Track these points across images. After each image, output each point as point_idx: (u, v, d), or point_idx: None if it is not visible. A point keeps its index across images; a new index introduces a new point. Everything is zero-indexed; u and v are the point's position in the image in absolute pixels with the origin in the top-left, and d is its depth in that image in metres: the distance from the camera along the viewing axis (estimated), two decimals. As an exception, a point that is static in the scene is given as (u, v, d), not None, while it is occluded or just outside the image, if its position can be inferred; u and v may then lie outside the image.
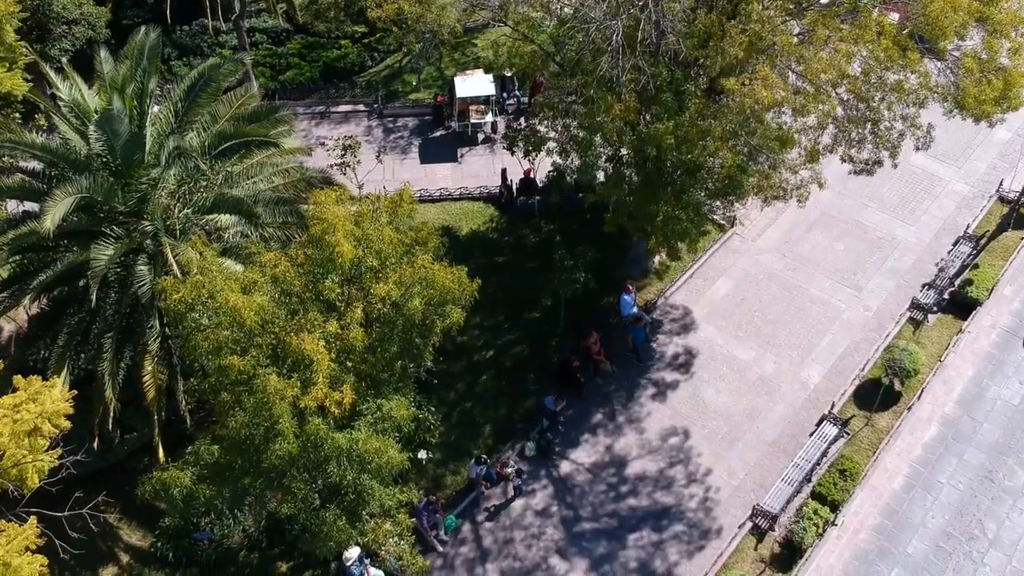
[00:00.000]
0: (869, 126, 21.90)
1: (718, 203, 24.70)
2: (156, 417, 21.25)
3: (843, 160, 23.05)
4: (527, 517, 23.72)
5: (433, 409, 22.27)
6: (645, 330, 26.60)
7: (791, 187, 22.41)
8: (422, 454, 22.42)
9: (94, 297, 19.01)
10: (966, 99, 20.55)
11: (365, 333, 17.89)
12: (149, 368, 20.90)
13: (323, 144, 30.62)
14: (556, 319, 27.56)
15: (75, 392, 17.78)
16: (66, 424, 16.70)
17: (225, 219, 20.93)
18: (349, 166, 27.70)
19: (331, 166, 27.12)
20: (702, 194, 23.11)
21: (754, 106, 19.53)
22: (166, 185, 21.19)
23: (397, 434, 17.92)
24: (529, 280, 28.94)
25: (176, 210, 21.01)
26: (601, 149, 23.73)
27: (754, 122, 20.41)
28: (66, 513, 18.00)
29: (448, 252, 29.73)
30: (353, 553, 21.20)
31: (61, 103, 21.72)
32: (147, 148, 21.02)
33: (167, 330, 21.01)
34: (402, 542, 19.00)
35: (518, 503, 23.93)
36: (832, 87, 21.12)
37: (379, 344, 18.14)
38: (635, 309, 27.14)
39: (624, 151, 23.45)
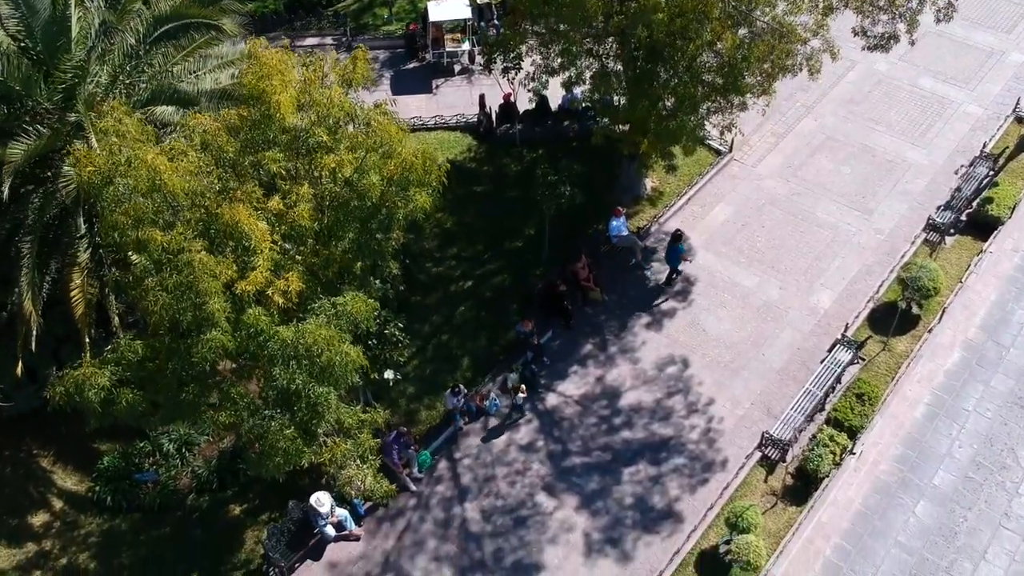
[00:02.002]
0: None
1: (715, 110, 22.34)
2: (86, 339, 18.74)
3: (855, 34, 20.79)
4: (510, 453, 21.27)
5: (402, 326, 19.80)
6: (682, 250, 23.99)
7: (801, 58, 20.00)
8: (389, 374, 19.94)
9: (5, 190, 16.50)
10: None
11: (316, 218, 15.46)
12: (77, 282, 18.43)
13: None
14: (540, 248, 25.17)
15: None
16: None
17: (164, 111, 18.49)
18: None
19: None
20: (699, 91, 20.80)
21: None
22: (96, 76, 18.73)
23: (356, 334, 15.48)
24: (510, 209, 26.58)
25: (107, 103, 18.52)
26: (586, 43, 21.39)
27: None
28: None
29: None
30: (324, 500, 18.78)
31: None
32: (73, 33, 18.57)
33: (98, 239, 18.55)
34: (365, 466, 16.50)
35: (500, 439, 21.48)
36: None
37: (331, 232, 15.73)
38: (626, 232, 24.78)
39: (611, 42, 21.12)
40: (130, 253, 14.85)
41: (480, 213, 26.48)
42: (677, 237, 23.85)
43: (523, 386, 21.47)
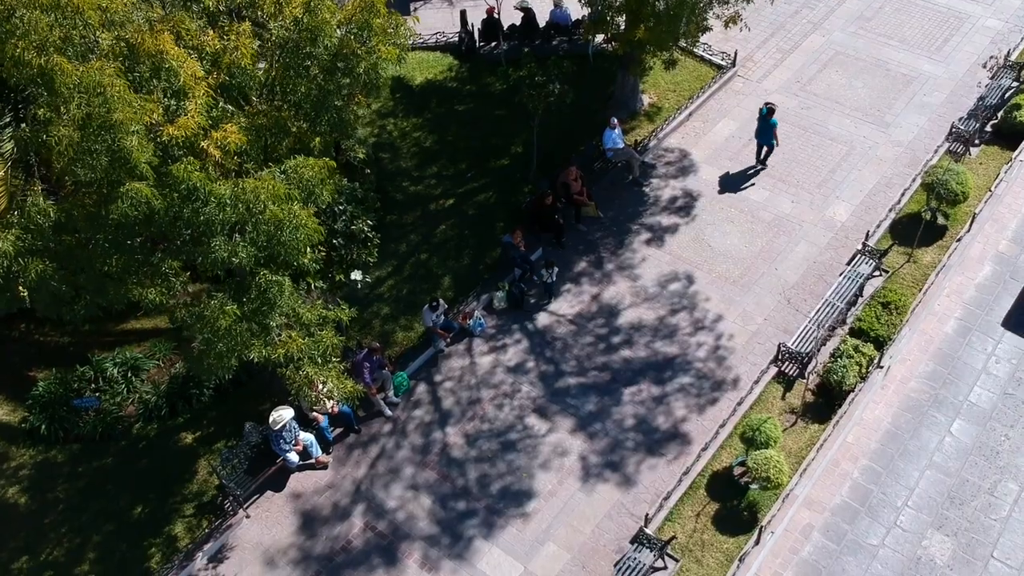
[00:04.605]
0: None
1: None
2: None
3: None
4: (497, 375, 19.01)
5: (372, 223, 17.52)
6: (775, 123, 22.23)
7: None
8: (356, 275, 17.66)
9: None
10: None
11: (258, 63, 13.22)
12: (0, 173, 16.13)
13: None
14: (528, 165, 22.95)
15: None
16: None
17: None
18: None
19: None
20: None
21: None
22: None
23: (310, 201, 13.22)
24: (496, 128, 24.39)
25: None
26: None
27: None
28: None
29: (400, 102, 25.58)
30: (285, 415, 16.54)
31: None
32: None
33: (24, 126, 16.24)
34: (327, 365, 14.22)
35: (485, 360, 19.24)
36: None
37: (280, 83, 13.49)
38: (622, 145, 22.59)
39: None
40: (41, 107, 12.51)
41: (462, 132, 24.28)
42: (772, 110, 21.92)
43: (552, 259, 20.04)
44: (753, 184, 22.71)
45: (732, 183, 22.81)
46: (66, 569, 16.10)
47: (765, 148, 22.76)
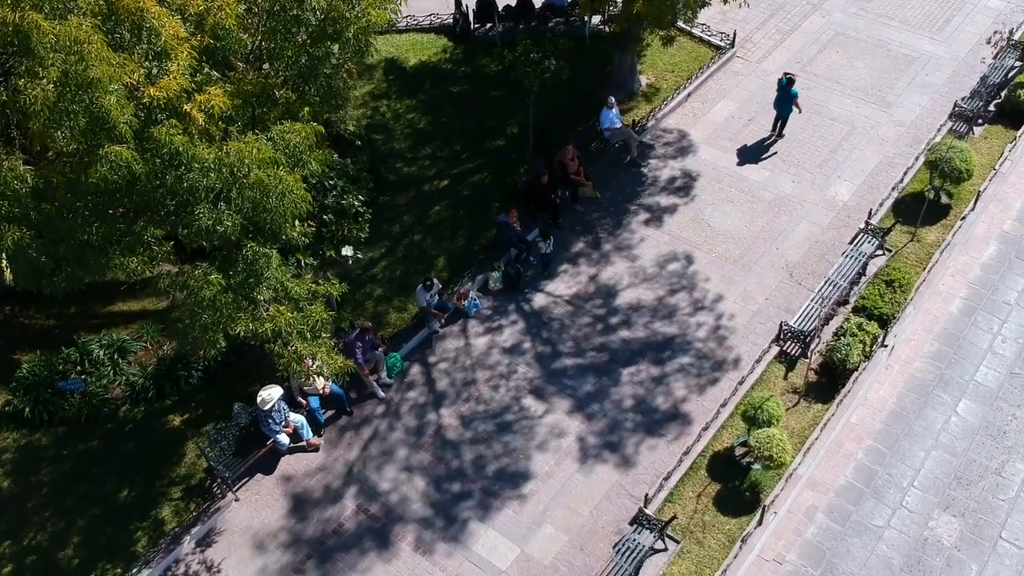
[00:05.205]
0: None
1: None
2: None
3: None
4: (492, 356, 18.59)
5: (363, 198, 17.09)
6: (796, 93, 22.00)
7: None
8: (347, 251, 17.20)
9: None
10: None
11: (246, 28, 12.80)
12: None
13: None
14: (524, 146, 22.53)
15: None
16: None
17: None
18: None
19: None
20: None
21: None
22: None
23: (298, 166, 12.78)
24: (491, 109, 23.98)
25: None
26: None
27: None
28: None
29: (393, 84, 25.15)
30: (274, 394, 16.11)
31: None
32: None
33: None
34: (317, 340, 13.78)
35: (480, 341, 18.82)
36: None
37: (266, 49, 13.06)
38: (619, 125, 22.18)
39: None
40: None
41: (457, 113, 23.86)
42: (791, 80, 21.69)
43: (550, 235, 19.72)
44: (756, 163, 22.29)
45: (731, 163, 22.40)
46: (50, 553, 15.66)
47: (782, 119, 22.56)
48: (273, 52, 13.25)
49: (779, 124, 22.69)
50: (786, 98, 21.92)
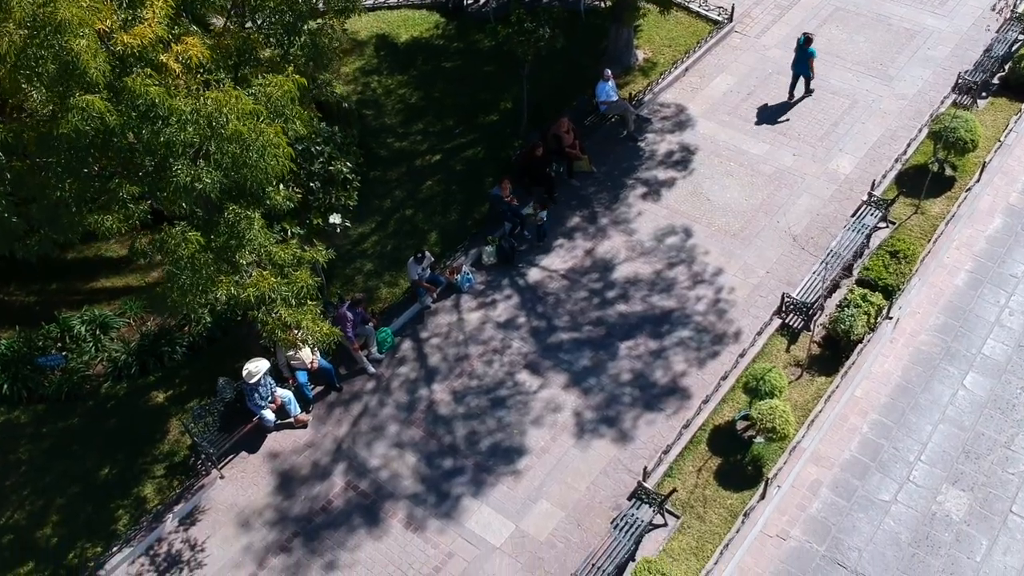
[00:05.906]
0: None
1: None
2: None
3: None
4: (486, 330, 18.06)
5: (351, 165, 16.54)
6: (814, 53, 21.81)
7: None
8: (335, 219, 16.65)
9: None
10: None
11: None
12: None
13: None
14: (518, 120, 21.99)
15: None
16: None
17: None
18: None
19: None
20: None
21: None
22: None
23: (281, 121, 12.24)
24: (484, 84, 23.45)
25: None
26: None
27: None
28: None
29: (384, 59, 24.62)
30: (261, 367, 15.56)
31: None
32: None
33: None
34: (302, 307, 13.24)
35: (474, 316, 18.29)
36: None
37: (247, 1, 12.52)
38: (615, 98, 21.67)
39: None
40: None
41: (449, 89, 23.34)
42: (809, 39, 21.40)
43: (547, 205, 19.51)
44: (755, 137, 21.80)
45: (730, 136, 21.90)
46: (28, 532, 15.11)
47: (802, 78, 22.23)
48: (255, 4, 12.69)
49: (801, 85, 22.40)
50: (804, 58, 21.61)
